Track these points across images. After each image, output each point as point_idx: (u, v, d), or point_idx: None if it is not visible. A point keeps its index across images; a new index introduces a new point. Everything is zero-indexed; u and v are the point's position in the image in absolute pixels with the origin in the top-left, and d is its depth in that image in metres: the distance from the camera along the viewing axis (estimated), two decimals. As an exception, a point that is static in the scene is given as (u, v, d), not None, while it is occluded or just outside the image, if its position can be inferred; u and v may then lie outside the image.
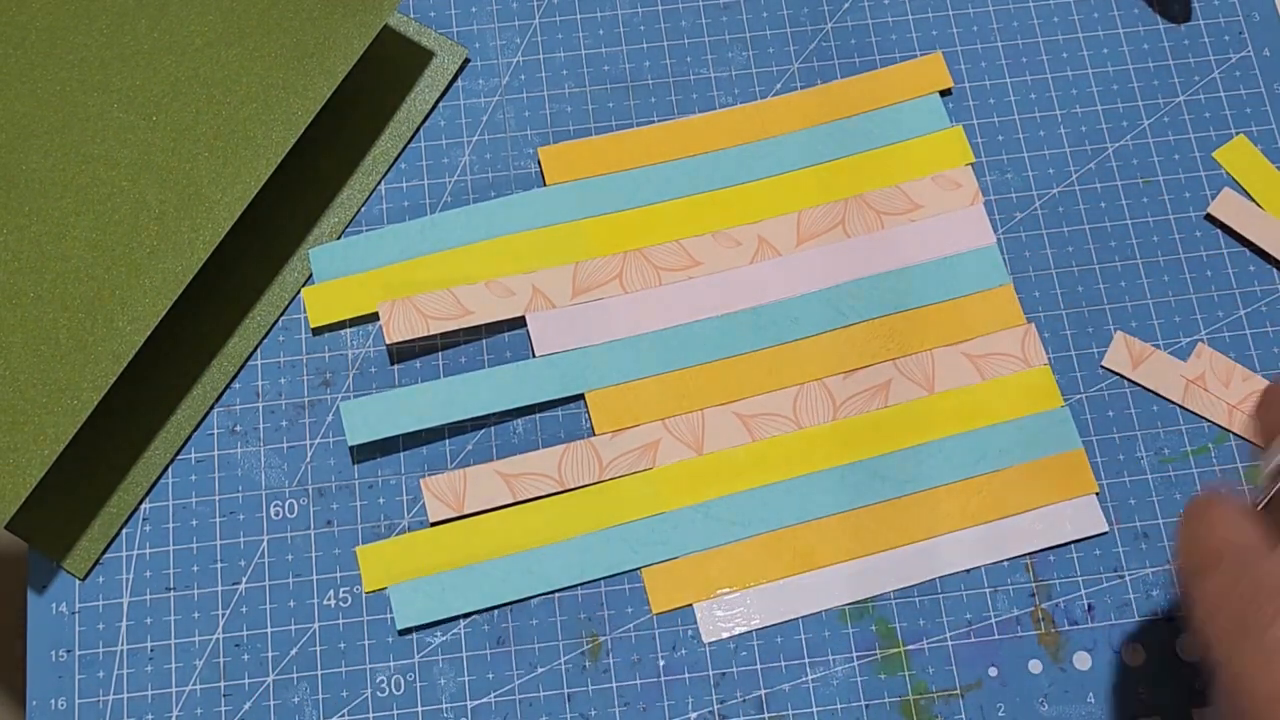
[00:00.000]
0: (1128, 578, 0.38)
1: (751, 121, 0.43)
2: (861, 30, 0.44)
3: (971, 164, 0.43)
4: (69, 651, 0.38)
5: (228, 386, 0.41)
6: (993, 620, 0.38)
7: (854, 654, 0.38)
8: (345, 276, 0.41)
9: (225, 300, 0.41)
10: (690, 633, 0.38)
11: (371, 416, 0.39)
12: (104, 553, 0.39)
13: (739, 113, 0.43)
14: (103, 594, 0.39)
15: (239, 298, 0.41)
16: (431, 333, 0.40)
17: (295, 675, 0.38)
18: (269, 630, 0.38)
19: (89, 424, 0.39)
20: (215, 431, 0.40)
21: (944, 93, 0.44)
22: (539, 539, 0.38)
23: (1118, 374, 0.40)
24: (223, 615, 0.38)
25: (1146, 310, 0.41)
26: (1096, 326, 0.41)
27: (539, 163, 0.43)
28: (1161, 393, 0.40)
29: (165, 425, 0.40)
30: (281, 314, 0.41)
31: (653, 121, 0.43)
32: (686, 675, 0.37)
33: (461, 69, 0.44)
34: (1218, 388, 0.40)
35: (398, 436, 0.40)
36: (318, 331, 0.41)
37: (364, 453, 0.40)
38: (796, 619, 0.38)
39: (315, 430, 0.40)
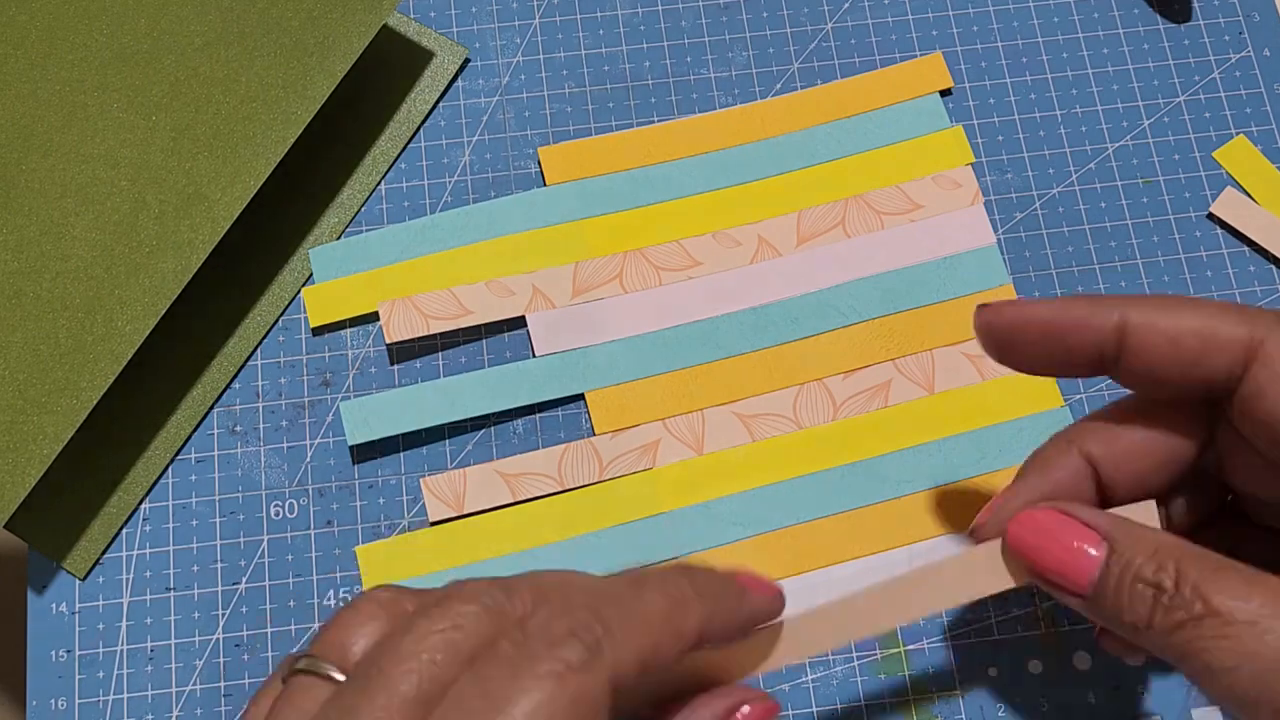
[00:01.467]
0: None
1: (751, 121, 0.43)
2: (861, 30, 0.44)
3: (971, 164, 0.43)
4: (69, 651, 0.38)
5: (228, 386, 0.41)
6: (993, 620, 0.38)
7: (854, 654, 0.38)
8: (345, 276, 0.41)
9: (225, 300, 0.41)
10: (690, 633, 0.38)
11: (371, 416, 0.39)
12: (104, 553, 0.39)
13: (739, 113, 0.43)
14: (103, 594, 0.39)
15: (239, 298, 0.41)
16: (431, 332, 0.40)
17: (295, 675, 0.38)
18: (269, 630, 0.38)
19: (89, 424, 0.39)
20: (215, 431, 0.40)
21: (944, 93, 0.44)
22: (539, 539, 0.38)
23: (1118, 374, 0.40)
24: (223, 615, 0.38)
25: (1147, 310, 0.41)
26: (1097, 326, 0.41)
27: (539, 163, 0.43)
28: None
29: (165, 425, 0.40)
30: (281, 314, 0.41)
31: (653, 121, 0.43)
32: (686, 675, 0.37)
33: (461, 69, 0.44)
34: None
35: (398, 436, 0.40)
36: (318, 331, 0.41)
37: (364, 453, 0.40)
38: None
39: (315, 430, 0.40)
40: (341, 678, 0.25)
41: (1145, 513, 0.30)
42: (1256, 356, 0.28)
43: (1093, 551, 0.28)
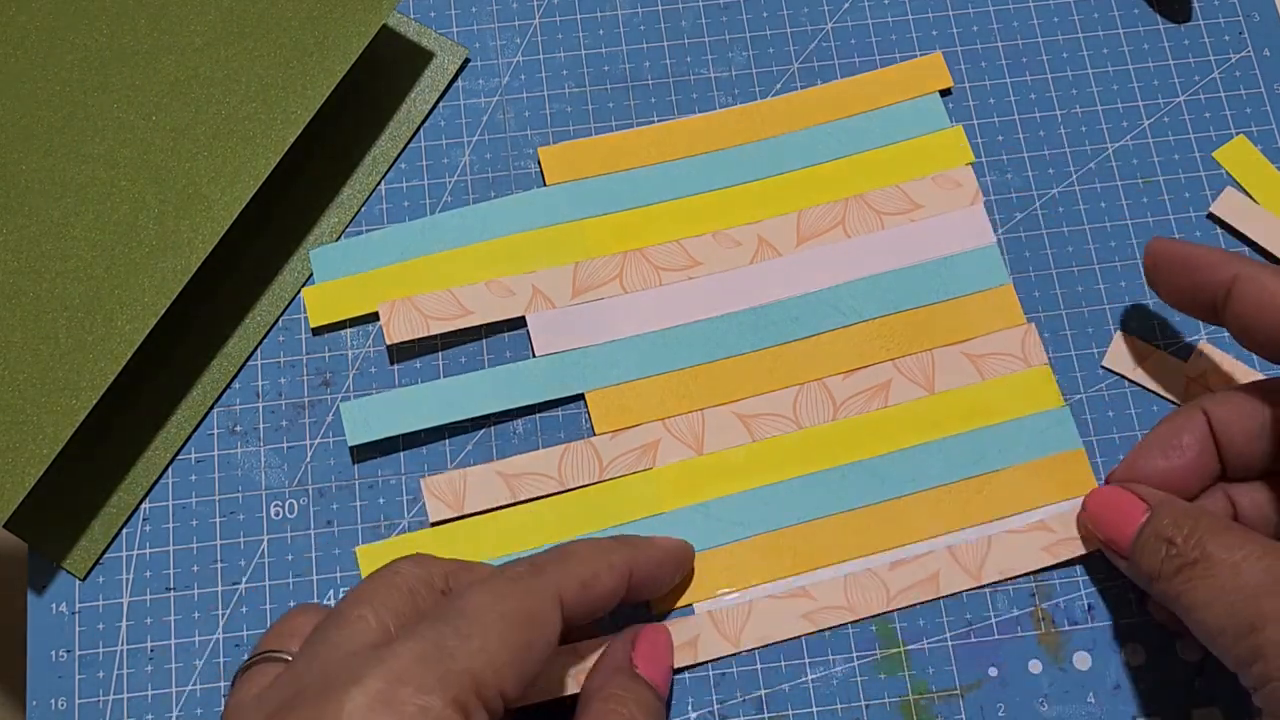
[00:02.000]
0: (1128, 577, 0.38)
1: (751, 121, 0.43)
2: (861, 30, 0.44)
3: (971, 164, 0.43)
4: (69, 651, 0.38)
5: (228, 386, 0.41)
6: (993, 620, 0.38)
7: (854, 654, 0.38)
8: (345, 277, 0.41)
9: (225, 300, 0.41)
10: (690, 633, 0.38)
11: (371, 416, 0.39)
12: (104, 553, 0.39)
13: (739, 113, 0.43)
14: (103, 594, 0.39)
15: (239, 297, 0.41)
16: (431, 333, 0.40)
17: (295, 675, 0.38)
18: (269, 630, 0.38)
19: (88, 424, 0.39)
20: (215, 431, 0.40)
21: (944, 93, 0.44)
22: (539, 539, 0.38)
23: (1118, 374, 0.40)
24: (223, 615, 0.38)
25: (1146, 310, 0.41)
26: (1096, 326, 0.41)
27: (539, 163, 0.43)
28: (1162, 392, 0.40)
29: (165, 425, 0.40)
30: (281, 314, 0.41)
31: (653, 121, 0.43)
32: (686, 675, 0.37)
33: (461, 69, 0.44)
34: (1220, 386, 0.40)
35: (398, 436, 0.40)
36: (318, 331, 0.41)
37: (364, 453, 0.40)
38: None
39: (315, 430, 0.40)
40: (290, 657, 0.31)
41: None
42: None
43: (1138, 518, 0.34)
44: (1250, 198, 0.42)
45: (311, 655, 0.29)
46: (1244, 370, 0.40)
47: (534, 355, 0.40)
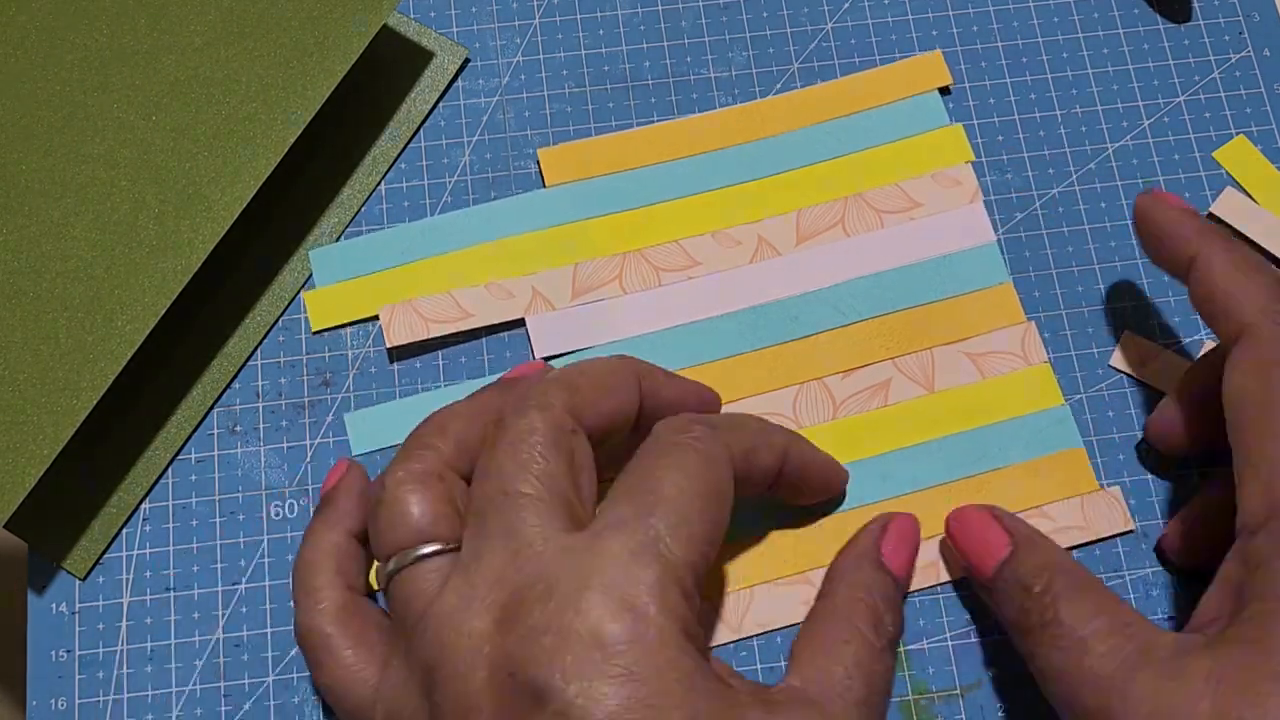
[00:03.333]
0: (1127, 578, 0.38)
1: (751, 121, 0.43)
2: (861, 30, 0.44)
3: (971, 162, 0.42)
4: (69, 651, 0.38)
5: (228, 386, 0.41)
6: (993, 620, 0.38)
7: (854, 654, 0.37)
8: (346, 280, 0.41)
9: (225, 300, 0.41)
10: (690, 632, 0.38)
11: (375, 427, 0.40)
12: (104, 553, 0.39)
13: (739, 112, 0.43)
14: (103, 594, 0.39)
15: (239, 298, 0.41)
16: (431, 335, 0.40)
17: (295, 675, 0.38)
18: (269, 630, 0.38)
19: (88, 424, 0.39)
20: (215, 431, 0.40)
21: (944, 92, 0.44)
22: (539, 539, 0.38)
23: (1124, 373, 0.40)
24: (223, 615, 0.38)
25: (1147, 310, 0.41)
26: (1096, 326, 0.41)
27: (539, 163, 0.43)
28: (1169, 392, 0.40)
29: (165, 425, 0.40)
30: (281, 314, 0.41)
31: (653, 121, 0.43)
32: (686, 675, 0.37)
33: (461, 69, 0.44)
34: None
35: (398, 438, 0.40)
36: (318, 331, 0.41)
37: (364, 453, 0.40)
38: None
39: (315, 430, 0.40)
40: (429, 549, 0.30)
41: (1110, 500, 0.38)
42: (1239, 339, 0.32)
43: (999, 554, 0.34)
44: (1250, 198, 0.42)
45: (509, 548, 0.28)
46: (1244, 370, 0.40)
47: (534, 357, 0.40)
